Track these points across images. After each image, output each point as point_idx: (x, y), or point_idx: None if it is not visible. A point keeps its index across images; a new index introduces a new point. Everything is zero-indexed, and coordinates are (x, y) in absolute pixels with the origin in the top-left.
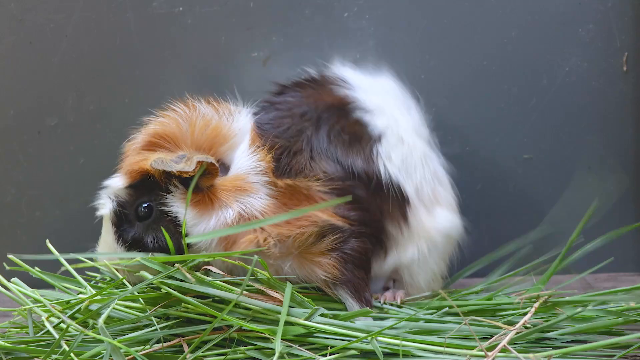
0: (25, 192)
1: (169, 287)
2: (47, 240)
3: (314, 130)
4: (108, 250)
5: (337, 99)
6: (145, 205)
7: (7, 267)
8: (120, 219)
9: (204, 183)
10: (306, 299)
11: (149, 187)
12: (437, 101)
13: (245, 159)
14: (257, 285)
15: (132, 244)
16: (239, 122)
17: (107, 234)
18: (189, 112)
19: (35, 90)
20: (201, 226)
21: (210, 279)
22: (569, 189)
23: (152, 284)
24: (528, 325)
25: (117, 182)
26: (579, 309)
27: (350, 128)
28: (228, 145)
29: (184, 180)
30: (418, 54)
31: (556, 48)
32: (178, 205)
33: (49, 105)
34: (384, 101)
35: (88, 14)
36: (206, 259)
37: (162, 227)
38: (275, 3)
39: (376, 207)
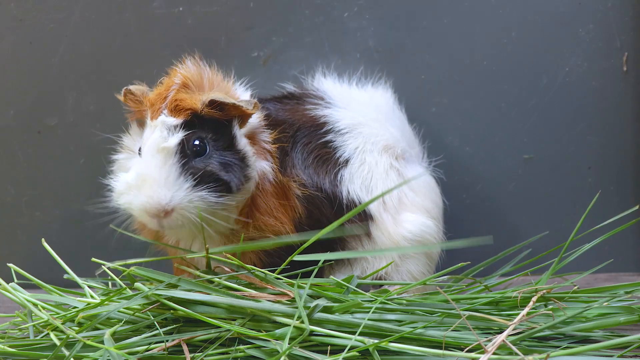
0: (25, 192)
1: (168, 299)
2: (43, 240)
3: (292, 144)
4: (157, 188)
5: (311, 118)
6: (198, 142)
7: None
8: (184, 154)
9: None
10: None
11: (199, 125)
12: (437, 101)
13: (258, 128)
14: (247, 280)
15: (203, 177)
16: (242, 95)
17: (166, 168)
18: (205, 68)
19: (35, 90)
20: (256, 166)
21: (217, 277)
22: (569, 189)
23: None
24: (534, 322)
25: (170, 120)
26: (585, 307)
27: (320, 151)
28: None
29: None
30: (418, 54)
31: (556, 48)
32: (244, 142)
33: (49, 105)
34: (359, 119)
35: (88, 14)
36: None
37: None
38: (275, 3)
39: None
